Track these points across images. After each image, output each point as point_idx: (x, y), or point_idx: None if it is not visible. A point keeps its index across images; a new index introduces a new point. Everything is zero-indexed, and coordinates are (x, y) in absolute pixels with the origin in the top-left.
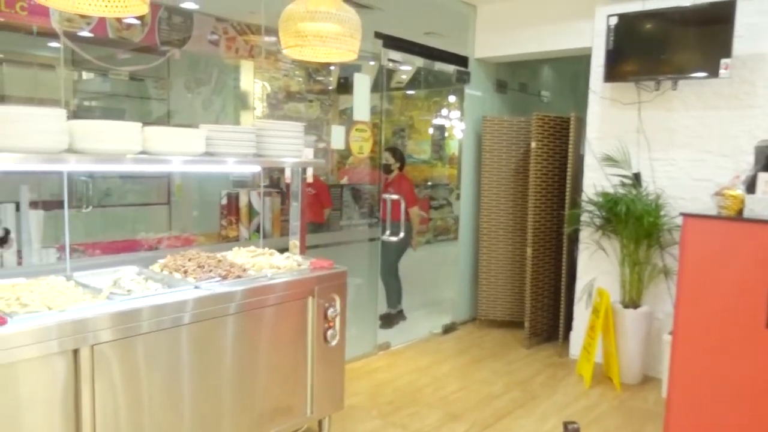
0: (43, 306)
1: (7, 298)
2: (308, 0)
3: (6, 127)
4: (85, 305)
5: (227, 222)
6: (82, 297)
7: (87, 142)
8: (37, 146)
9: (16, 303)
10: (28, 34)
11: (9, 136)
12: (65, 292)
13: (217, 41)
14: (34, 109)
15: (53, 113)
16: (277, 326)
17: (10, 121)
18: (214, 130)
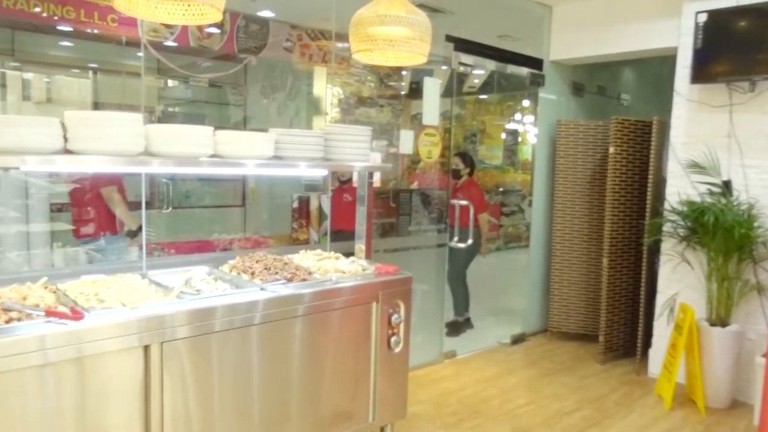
0: (118, 302)
1: (86, 293)
2: (379, 4)
3: (89, 130)
4: (156, 303)
5: (298, 225)
6: (154, 295)
7: (162, 146)
8: (116, 149)
9: (95, 299)
10: (118, 44)
11: (92, 139)
12: (139, 290)
13: (291, 48)
14: (112, 114)
15: (130, 117)
16: (340, 331)
17: (92, 125)
18: (283, 134)
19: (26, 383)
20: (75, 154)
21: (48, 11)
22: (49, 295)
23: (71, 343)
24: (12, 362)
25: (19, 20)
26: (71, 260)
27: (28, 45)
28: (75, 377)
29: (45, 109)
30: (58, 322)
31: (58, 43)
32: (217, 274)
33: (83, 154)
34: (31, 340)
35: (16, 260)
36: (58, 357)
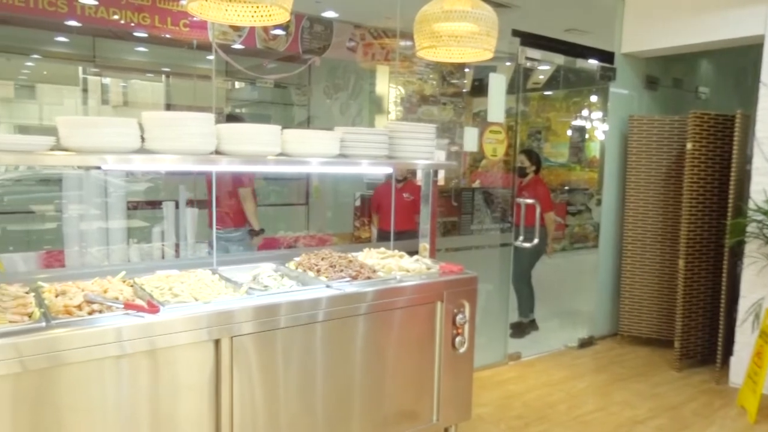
0: (191, 297)
1: (161, 288)
2: (444, 0)
3: (164, 130)
4: (226, 298)
5: (360, 223)
6: (224, 290)
7: (233, 144)
8: (189, 148)
9: (169, 293)
10: (189, 48)
11: (167, 139)
12: (210, 285)
13: (354, 47)
14: (186, 114)
15: (203, 117)
16: (405, 330)
17: (167, 125)
18: (348, 132)
19: (105, 373)
20: (151, 153)
21: (125, 18)
22: (127, 288)
23: (147, 335)
24: (93, 352)
25: (100, 27)
26: (146, 255)
27: (107, 51)
28: (149, 368)
29: (121, 112)
30: (136, 315)
31: (134, 48)
32: (283, 271)
33: (159, 153)
34: (111, 332)
35: (97, 255)
36: (134, 348)
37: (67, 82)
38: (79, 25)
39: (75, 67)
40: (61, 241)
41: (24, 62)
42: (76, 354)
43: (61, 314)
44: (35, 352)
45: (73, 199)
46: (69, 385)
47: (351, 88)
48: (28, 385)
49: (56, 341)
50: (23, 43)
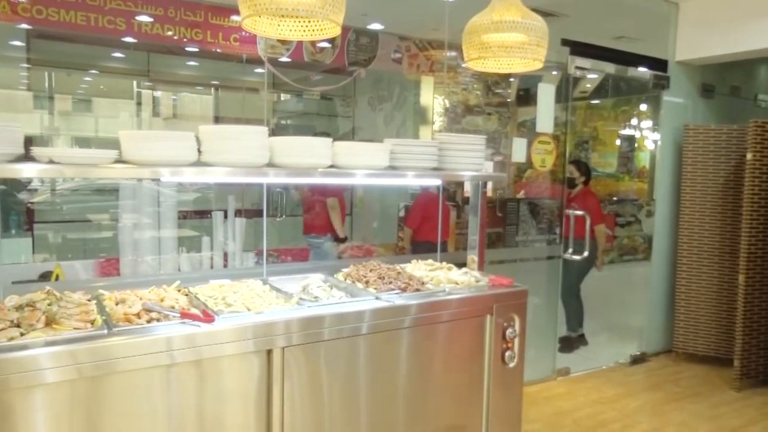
0: (244, 307)
1: (215, 297)
2: (494, 10)
3: (219, 144)
4: (277, 309)
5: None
6: (276, 301)
7: (285, 157)
8: (244, 160)
9: (222, 303)
10: (238, 62)
11: (222, 152)
12: (262, 295)
13: (400, 59)
14: (240, 127)
15: (257, 131)
16: (454, 343)
17: (222, 138)
18: (397, 144)
19: (161, 380)
20: (207, 165)
21: (179, 34)
22: (183, 297)
23: (202, 344)
24: (151, 360)
25: (154, 43)
26: (196, 264)
27: (160, 66)
28: (202, 377)
29: (172, 124)
30: (192, 324)
31: (185, 63)
32: (332, 282)
33: (215, 166)
34: (168, 340)
35: (150, 263)
36: (189, 357)
37: (122, 95)
38: (135, 41)
39: (130, 82)
40: (116, 250)
41: (83, 77)
42: (136, 361)
43: (122, 322)
44: (97, 359)
45: (127, 209)
46: (128, 392)
47: (395, 99)
48: (88, 391)
49: (117, 348)
50: (83, 59)
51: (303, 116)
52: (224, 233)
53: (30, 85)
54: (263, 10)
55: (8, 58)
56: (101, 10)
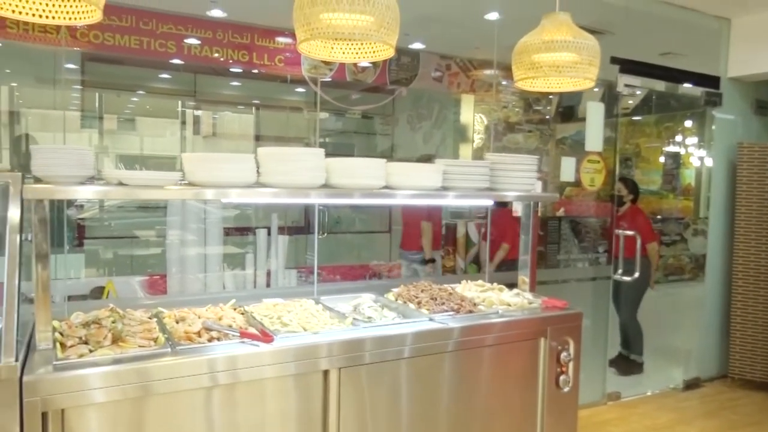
0: (300, 327)
1: (271, 316)
2: (544, 30)
3: (277, 165)
4: (333, 329)
5: (444, 252)
6: (330, 321)
7: (340, 178)
8: (301, 182)
9: (278, 322)
10: (282, 82)
11: (279, 173)
12: (316, 315)
13: (440, 77)
14: (298, 149)
15: (313, 152)
16: (507, 366)
17: (280, 160)
18: (450, 164)
19: (221, 399)
20: (266, 186)
21: (226, 56)
22: (239, 316)
23: (261, 364)
24: (213, 378)
25: (201, 65)
26: (240, 282)
27: (205, 86)
28: (260, 397)
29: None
30: (251, 344)
31: (229, 83)
32: (383, 302)
33: (273, 187)
34: (228, 359)
35: (201, 280)
36: (248, 376)
37: (167, 115)
38: (182, 63)
39: (175, 101)
40: (161, 266)
41: (130, 98)
42: (198, 380)
43: (183, 340)
44: (162, 377)
45: (174, 226)
46: (188, 410)
47: (434, 117)
48: (151, 409)
49: (180, 367)
50: (132, 80)
51: (342, 135)
52: (267, 251)
53: (83, 105)
54: (320, 34)
55: (63, 81)
56: (153, 34)
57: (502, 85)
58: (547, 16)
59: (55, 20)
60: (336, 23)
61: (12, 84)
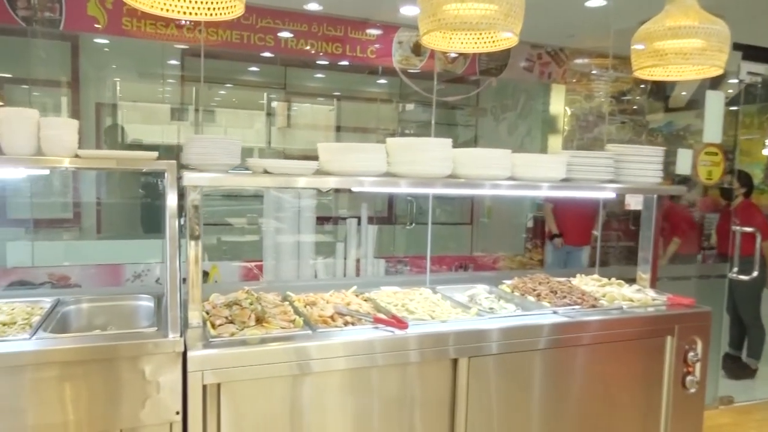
0: (427, 315)
1: (395, 304)
2: (668, 16)
3: (406, 155)
4: (461, 318)
5: (532, 245)
6: (453, 310)
7: (467, 168)
8: (429, 172)
9: (404, 310)
10: (370, 74)
11: (407, 163)
12: (438, 304)
13: (531, 67)
14: (427, 140)
15: (442, 142)
16: (631, 364)
17: (409, 150)
18: (574, 155)
19: (354, 382)
20: (395, 176)
21: (318, 48)
22: (365, 302)
23: (395, 350)
24: (350, 362)
25: (292, 57)
26: (330, 271)
27: (294, 78)
28: (392, 381)
29: (294, 133)
30: (385, 329)
31: (316, 75)
32: (498, 293)
33: (401, 177)
34: (365, 343)
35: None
36: (382, 361)
37: (252, 107)
38: (273, 56)
39: (260, 93)
40: (255, 252)
41: (218, 90)
42: (336, 362)
43: (319, 323)
44: (308, 357)
45: (269, 214)
46: (328, 391)
47: (520, 108)
48: (296, 388)
49: (324, 348)
50: (224, 74)
51: (425, 126)
52: (357, 240)
53: (182, 99)
54: (445, 24)
55: (163, 75)
56: (253, 29)
57: (593, 75)
58: (672, 1)
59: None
60: (463, 13)
61: (115, 79)
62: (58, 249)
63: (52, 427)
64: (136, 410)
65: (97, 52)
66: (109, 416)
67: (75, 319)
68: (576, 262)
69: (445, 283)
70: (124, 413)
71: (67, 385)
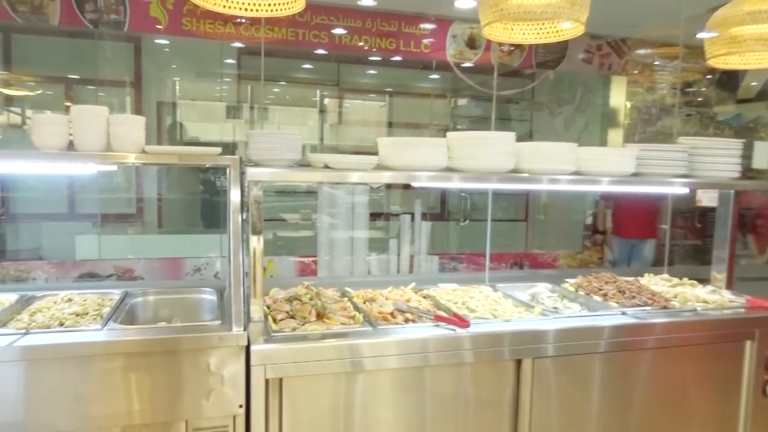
0: (489, 314)
1: (455, 301)
2: (745, 0)
3: (468, 149)
4: (525, 318)
5: (591, 243)
6: (516, 309)
7: (530, 163)
8: (491, 166)
9: (464, 307)
10: (423, 69)
11: (469, 158)
12: (500, 303)
13: (590, 59)
14: (490, 134)
15: (504, 136)
16: (706, 369)
17: (471, 145)
18: (645, 149)
19: (415, 380)
20: (456, 171)
21: (371, 43)
22: (424, 300)
23: (456, 349)
24: (410, 359)
25: (346, 54)
26: (384, 267)
27: (347, 75)
28: (453, 380)
29: (343, 129)
30: (447, 328)
31: (365, 71)
32: (561, 292)
33: (463, 171)
34: (426, 341)
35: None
36: (444, 360)
37: (305, 104)
38: (327, 53)
39: (313, 90)
40: (309, 248)
41: (272, 88)
42: (397, 360)
43: (379, 320)
44: (369, 354)
45: (323, 210)
46: (388, 389)
47: (577, 101)
48: (357, 385)
49: (385, 346)
50: (279, 71)
51: (478, 120)
52: (410, 236)
53: (238, 97)
54: (507, 15)
55: (220, 74)
56: (307, 26)
57: (656, 65)
58: None
59: (258, 12)
60: (527, 3)
61: (175, 79)
62: (122, 242)
63: (118, 417)
64: (200, 402)
65: (158, 52)
66: (174, 407)
67: (142, 311)
68: (639, 255)
69: (504, 281)
70: (189, 405)
71: (134, 375)
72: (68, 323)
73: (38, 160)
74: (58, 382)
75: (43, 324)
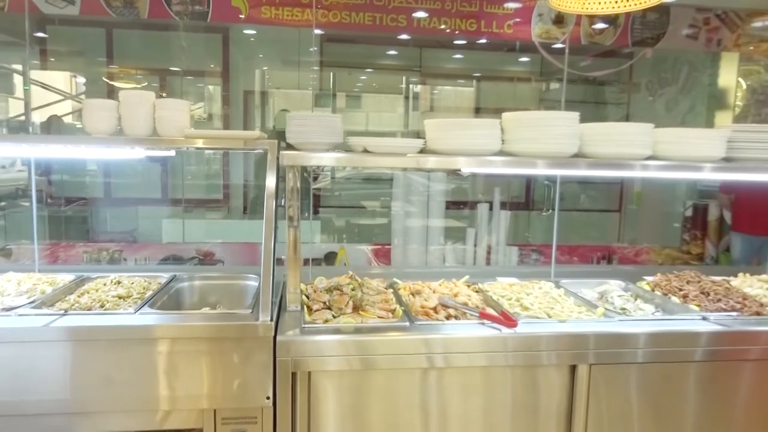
0: (543, 313)
1: (509, 298)
2: None
3: (524, 131)
4: (583, 319)
5: (690, 237)
6: (577, 309)
7: (595, 146)
8: (551, 150)
9: (518, 305)
10: (508, 51)
11: (526, 140)
12: (559, 301)
13: (695, 34)
14: (549, 113)
15: (567, 116)
16: None
17: (528, 126)
18: (738, 130)
19: (454, 382)
20: (511, 155)
21: (453, 26)
22: (475, 294)
23: (498, 350)
24: (449, 359)
25: (427, 38)
26: (460, 257)
27: (430, 60)
28: (497, 384)
29: (431, 116)
30: (491, 326)
31: (451, 56)
32: (635, 292)
33: (519, 156)
34: (467, 341)
35: (428, 254)
36: (486, 361)
37: (391, 91)
38: (408, 38)
39: (399, 77)
40: (385, 236)
41: (359, 76)
42: (432, 359)
43: (420, 315)
44: (398, 352)
45: (399, 197)
46: (415, 389)
47: (681, 81)
48: (390, 383)
49: (418, 344)
50: (361, 58)
51: (571, 105)
52: (488, 226)
53: (320, 85)
54: None
55: (304, 62)
56: (385, 9)
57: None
58: None
59: None
60: None
61: (264, 68)
62: (206, 227)
63: (145, 401)
64: (227, 392)
65: (245, 42)
66: (200, 395)
67: (188, 296)
68: None
69: (574, 277)
70: (216, 394)
71: (161, 360)
72: (108, 306)
73: (87, 144)
74: (89, 363)
75: (85, 306)
